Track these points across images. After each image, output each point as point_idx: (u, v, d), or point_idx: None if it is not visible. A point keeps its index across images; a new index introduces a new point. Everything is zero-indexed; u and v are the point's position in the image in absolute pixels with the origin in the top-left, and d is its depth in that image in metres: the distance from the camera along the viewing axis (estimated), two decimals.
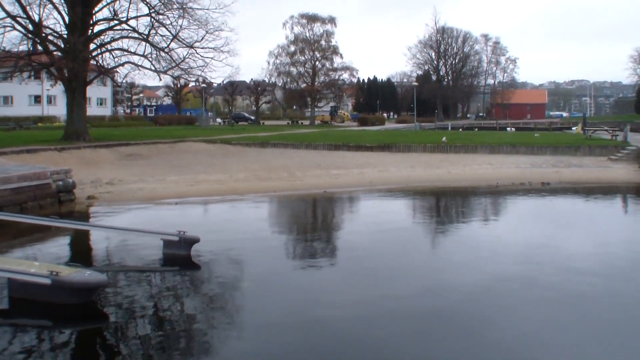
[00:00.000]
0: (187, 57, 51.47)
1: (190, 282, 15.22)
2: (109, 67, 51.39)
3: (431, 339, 11.40)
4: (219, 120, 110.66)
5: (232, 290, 14.20)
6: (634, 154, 40.69)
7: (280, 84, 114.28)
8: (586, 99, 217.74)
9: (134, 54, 50.15)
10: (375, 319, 12.26)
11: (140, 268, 16.17)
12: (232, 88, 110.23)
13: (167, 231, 17.13)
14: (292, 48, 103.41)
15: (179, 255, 16.59)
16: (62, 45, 47.14)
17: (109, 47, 49.76)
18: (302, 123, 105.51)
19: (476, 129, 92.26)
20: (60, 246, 19.28)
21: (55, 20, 49.01)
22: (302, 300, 13.47)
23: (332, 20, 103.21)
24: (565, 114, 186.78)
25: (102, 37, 49.39)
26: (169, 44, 49.82)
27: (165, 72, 52.15)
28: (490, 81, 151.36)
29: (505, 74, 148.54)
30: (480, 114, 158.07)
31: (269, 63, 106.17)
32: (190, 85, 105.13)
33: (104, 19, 49.37)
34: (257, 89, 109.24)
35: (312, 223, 24.40)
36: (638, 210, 28.72)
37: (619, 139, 48.52)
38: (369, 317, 12.40)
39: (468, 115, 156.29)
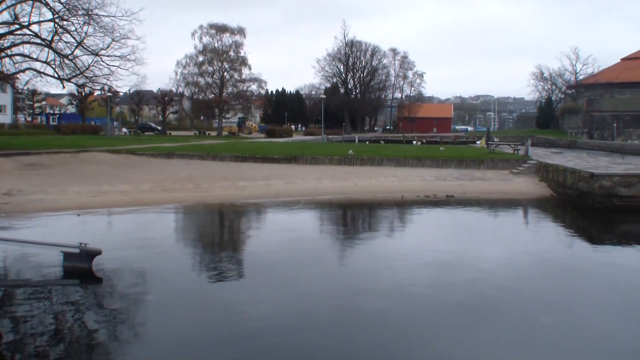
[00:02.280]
0: (92, 65, 50.55)
1: (91, 295, 14.91)
2: (9, 73, 49.94)
3: (349, 342, 11.70)
4: (124, 130, 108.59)
5: (136, 304, 13.98)
6: (535, 168, 41.92)
7: (187, 94, 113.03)
8: (490, 113, 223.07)
9: (36, 60, 48.92)
10: (289, 326, 12.31)
11: (39, 282, 15.73)
12: (139, 97, 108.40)
13: (68, 243, 16.73)
14: (201, 58, 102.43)
15: (80, 268, 16.23)
16: None
17: (8, 52, 48.32)
18: (209, 134, 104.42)
19: (382, 142, 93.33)
20: None
21: None
22: (207, 312, 13.39)
23: (241, 31, 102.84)
24: (470, 128, 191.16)
25: (1, 41, 47.89)
26: (74, 50, 48.81)
27: (69, 80, 51.09)
28: (398, 95, 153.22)
29: (413, 88, 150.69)
30: (388, 127, 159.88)
31: (176, 73, 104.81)
32: (95, 94, 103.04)
33: (4, 23, 47.84)
34: (164, 98, 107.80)
35: (219, 235, 24.29)
36: (538, 220, 29.60)
37: (521, 153, 49.84)
38: (281, 324, 12.45)
39: (375, 128, 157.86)
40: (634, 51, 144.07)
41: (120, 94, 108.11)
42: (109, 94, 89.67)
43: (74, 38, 48.48)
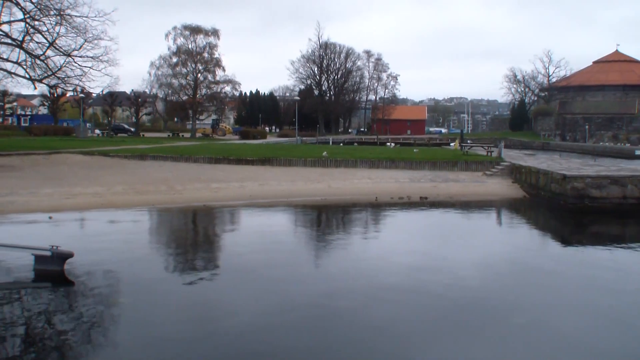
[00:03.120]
0: (65, 66, 50.08)
1: (63, 299, 14.74)
2: None
3: (324, 341, 11.78)
4: (97, 131, 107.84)
5: (108, 307, 13.84)
6: (508, 170, 42.16)
7: (161, 96, 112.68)
8: (464, 115, 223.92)
9: (7, 60, 48.37)
10: (265, 325, 12.26)
11: (9, 285, 15.53)
12: (112, 99, 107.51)
13: (39, 246, 16.55)
14: (175, 59, 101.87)
15: (52, 271, 16.06)
16: None
17: None
18: (183, 136, 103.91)
19: (355, 144, 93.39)
20: None
21: None
22: (182, 313, 13.31)
23: (215, 33, 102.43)
24: (444, 130, 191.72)
25: None
26: (45, 51, 48.35)
27: (40, 81, 50.56)
28: (372, 97, 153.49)
29: (387, 90, 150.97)
30: (362, 129, 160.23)
31: (150, 74, 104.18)
32: (67, 95, 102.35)
33: None
34: (137, 100, 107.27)
35: (193, 237, 24.14)
36: (512, 222, 29.76)
37: (494, 155, 50.09)
38: (256, 324, 12.40)
39: (350, 130, 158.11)
40: (606, 54, 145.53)
41: (93, 95, 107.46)
42: (82, 95, 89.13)
43: (46, 38, 48.05)
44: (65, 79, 51.48)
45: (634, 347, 12.24)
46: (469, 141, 79.09)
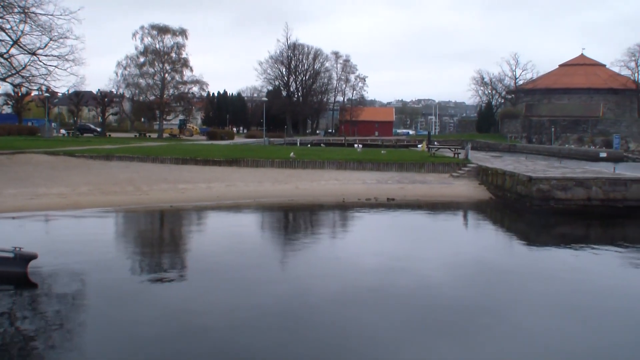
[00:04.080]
0: (29, 65, 49.50)
1: (26, 301, 14.51)
2: None
3: (295, 339, 11.80)
4: (63, 131, 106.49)
5: (73, 309, 13.68)
6: (475, 171, 42.38)
7: (128, 96, 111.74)
8: (432, 117, 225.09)
9: None
10: (233, 326, 12.21)
11: None
12: (78, 98, 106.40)
13: (1, 247, 16.26)
14: (142, 59, 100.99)
15: (15, 273, 15.82)
16: None
17: None
18: (150, 136, 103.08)
19: (322, 145, 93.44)
20: None
21: None
22: (148, 314, 13.20)
23: (183, 32, 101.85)
24: (411, 132, 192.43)
25: None
26: (9, 49, 47.76)
27: (4, 80, 50.02)
28: (340, 98, 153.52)
29: (355, 92, 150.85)
30: (330, 130, 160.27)
31: (117, 74, 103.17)
32: (32, 94, 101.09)
33: None
34: (104, 100, 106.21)
35: (159, 238, 23.98)
36: (478, 223, 29.93)
37: (461, 156, 50.29)
38: (229, 324, 12.36)
39: (318, 131, 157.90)
40: (572, 58, 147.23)
41: (59, 94, 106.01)
42: (47, 94, 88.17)
43: (10, 36, 47.47)
44: (30, 77, 50.97)
45: (599, 347, 12.34)
46: (436, 143, 79.50)
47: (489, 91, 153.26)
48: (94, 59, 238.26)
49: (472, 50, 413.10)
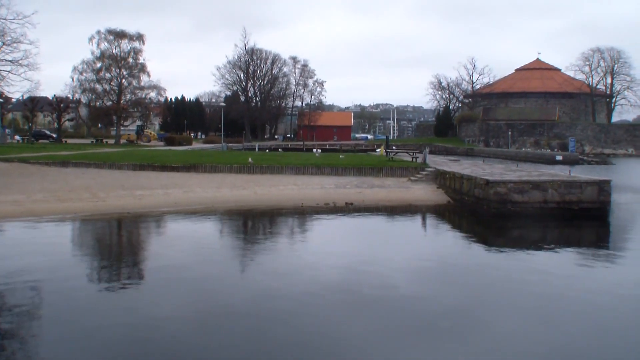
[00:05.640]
0: None
1: None
2: None
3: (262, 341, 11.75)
4: (17, 137, 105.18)
5: (27, 319, 13.43)
6: (433, 175, 42.61)
7: (84, 101, 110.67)
8: (390, 122, 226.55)
9: None
10: (190, 330, 12.10)
11: None
12: (33, 104, 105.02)
13: None
14: (98, 64, 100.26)
15: None
16: None
17: None
18: (107, 142, 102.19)
19: (280, 150, 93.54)
20: None
21: None
22: (107, 320, 13.03)
23: (140, 37, 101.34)
24: (370, 136, 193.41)
25: None
26: None
27: None
28: (299, 103, 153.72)
29: (313, 97, 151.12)
30: (288, 135, 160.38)
31: (73, 79, 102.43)
32: None
33: None
34: (59, 105, 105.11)
35: (117, 245, 23.70)
36: (436, 227, 30.10)
37: (419, 160, 50.55)
38: (190, 330, 12.27)
39: (276, 137, 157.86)
40: (528, 62, 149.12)
41: (13, 100, 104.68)
42: (0, 99, 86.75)
43: None
44: None
45: (559, 345, 12.46)
46: (394, 147, 79.90)
47: (447, 95, 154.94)
48: (49, 64, 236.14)
49: (430, 56, 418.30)
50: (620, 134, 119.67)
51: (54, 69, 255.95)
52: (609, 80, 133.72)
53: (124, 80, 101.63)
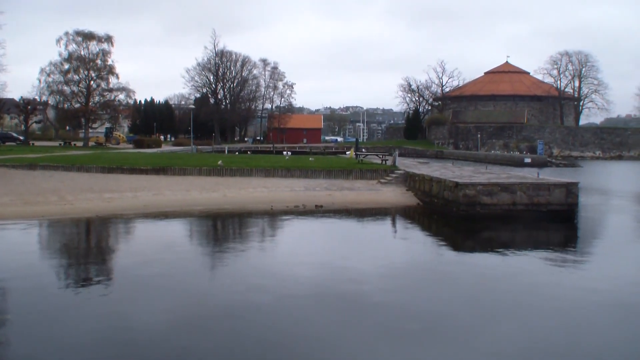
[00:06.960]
0: None
1: None
2: None
3: (235, 340, 11.59)
4: None
5: None
6: (402, 177, 42.76)
7: (52, 103, 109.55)
8: (360, 124, 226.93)
9: None
10: (163, 332, 12.02)
11: None
12: None
13: None
14: (66, 66, 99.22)
15: None
16: None
17: None
18: (75, 144, 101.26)
19: (249, 152, 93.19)
20: None
21: None
22: (78, 325, 12.92)
23: (108, 39, 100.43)
24: (340, 139, 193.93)
25: None
26: None
27: None
28: (269, 105, 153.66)
29: (283, 99, 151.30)
30: (258, 138, 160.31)
31: (40, 81, 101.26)
32: None
33: None
34: (26, 107, 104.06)
35: (85, 249, 23.47)
36: (406, 229, 30.16)
37: (389, 163, 50.67)
38: (162, 334, 12.17)
39: (246, 139, 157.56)
40: (497, 65, 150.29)
41: None
42: None
43: None
44: None
45: (532, 346, 12.56)
46: (363, 150, 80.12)
47: (417, 98, 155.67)
48: (16, 65, 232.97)
49: (400, 59, 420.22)
50: (588, 136, 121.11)
51: (21, 70, 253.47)
52: (576, 84, 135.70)
53: (92, 82, 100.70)
